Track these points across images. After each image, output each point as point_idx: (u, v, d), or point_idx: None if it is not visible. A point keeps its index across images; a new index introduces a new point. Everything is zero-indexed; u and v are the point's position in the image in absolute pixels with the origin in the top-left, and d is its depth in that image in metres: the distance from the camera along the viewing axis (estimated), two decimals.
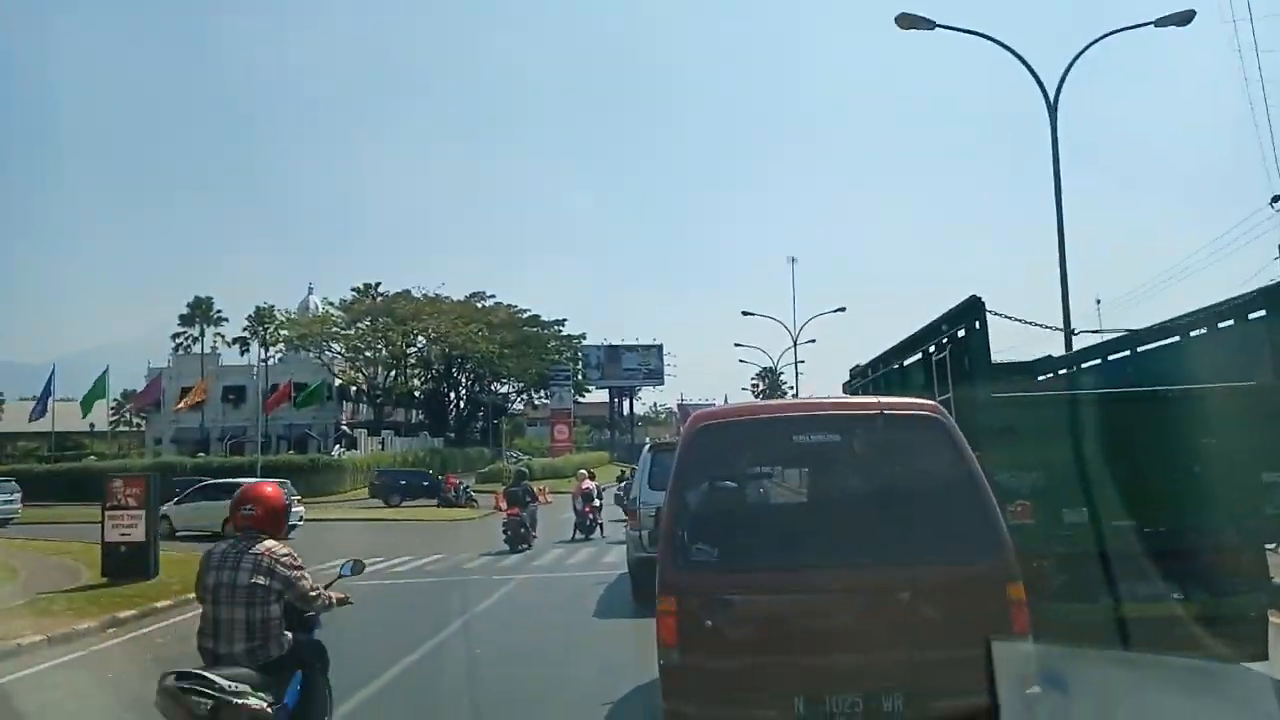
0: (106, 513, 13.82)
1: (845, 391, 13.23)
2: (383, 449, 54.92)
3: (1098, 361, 9.57)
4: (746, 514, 4.99)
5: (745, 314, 46.71)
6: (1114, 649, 5.41)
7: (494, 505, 34.74)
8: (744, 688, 4.36)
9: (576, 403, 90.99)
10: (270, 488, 5.09)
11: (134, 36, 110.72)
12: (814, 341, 60.37)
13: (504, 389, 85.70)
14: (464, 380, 77.77)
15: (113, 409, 78.79)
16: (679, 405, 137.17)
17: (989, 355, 7.18)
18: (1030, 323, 12.87)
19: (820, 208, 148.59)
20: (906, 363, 9.74)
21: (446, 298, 68.10)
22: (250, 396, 64.72)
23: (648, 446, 15.75)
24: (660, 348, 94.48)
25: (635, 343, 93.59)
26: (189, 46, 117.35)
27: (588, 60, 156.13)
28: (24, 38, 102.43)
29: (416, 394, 72.26)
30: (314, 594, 4.74)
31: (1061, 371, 10.43)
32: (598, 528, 23.47)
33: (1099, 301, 41.79)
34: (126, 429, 76.62)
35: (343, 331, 61.33)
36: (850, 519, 4.67)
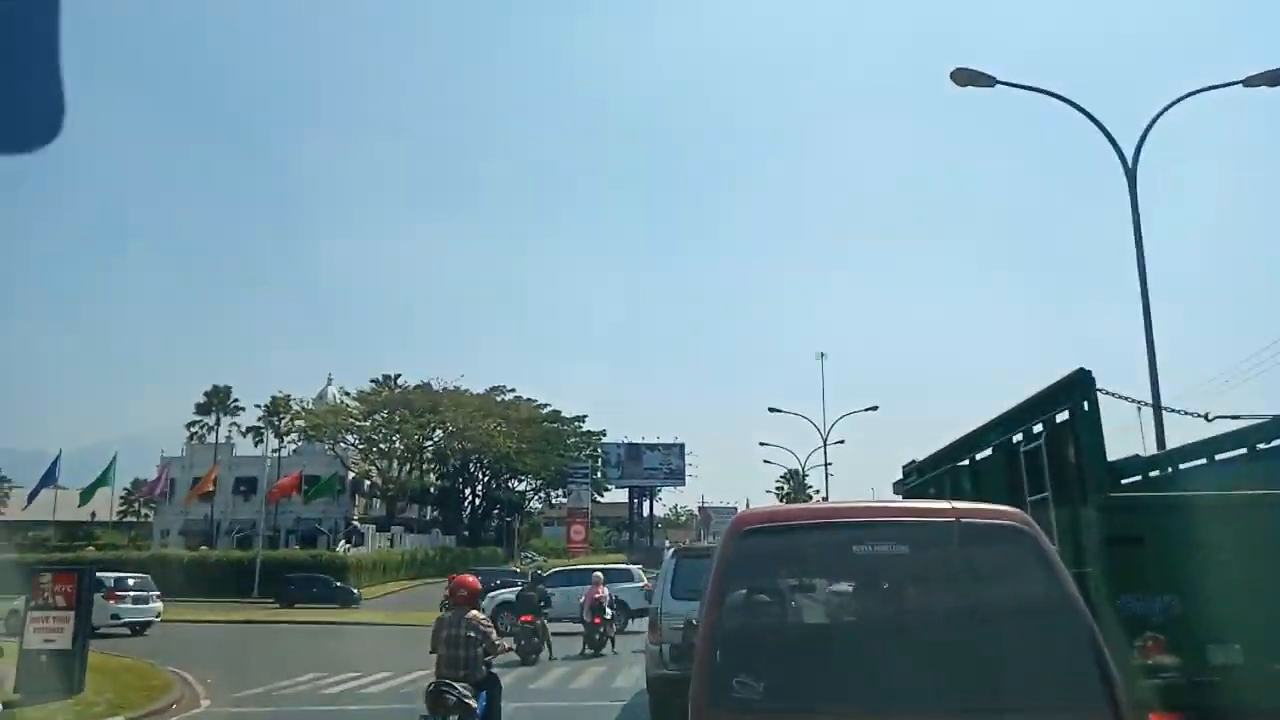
0: (29, 614, 11.83)
1: (896, 492, 11.54)
2: (391, 546, 52.42)
3: (1243, 453, 7.38)
4: (797, 639, 4.19)
5: (772, 410, 44.38)
6: None
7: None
8: None
9: (595, 502, 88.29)
10: (472, 578, 8.75)
11: (163, 124, 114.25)
12: (843, 442, 57.82)
13: (521, 486, 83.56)
14: (480, 476, 75.72)
15: (121, 499, 77.53)
16: (700, 508, 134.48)
17: (1102, 445, 5.83)
18: (1147, 404, 9.00)
19: (851, 303, 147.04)
20: (980, 456, 8.15)
21: (466, 390, 66.85)
22: (262, 488, 63.22)
23: (671, 551, 14.27)
24: (682, 447, 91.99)
25: (657, 441, 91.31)
26: (223, 140, 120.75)
27: (618, 153, 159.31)
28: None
29: (431, 489, 70.03)
30: (497, 644, 8.02)
31: (1186, 466, 8.00)
32: (609, 642, 21.03)
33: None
34: (134, 519, 74.66)
35: (358, 423, 59.55)
36: (922, 650, 3.93)
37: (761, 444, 55.93)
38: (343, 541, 47.35)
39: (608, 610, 20.79)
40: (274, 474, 64.39)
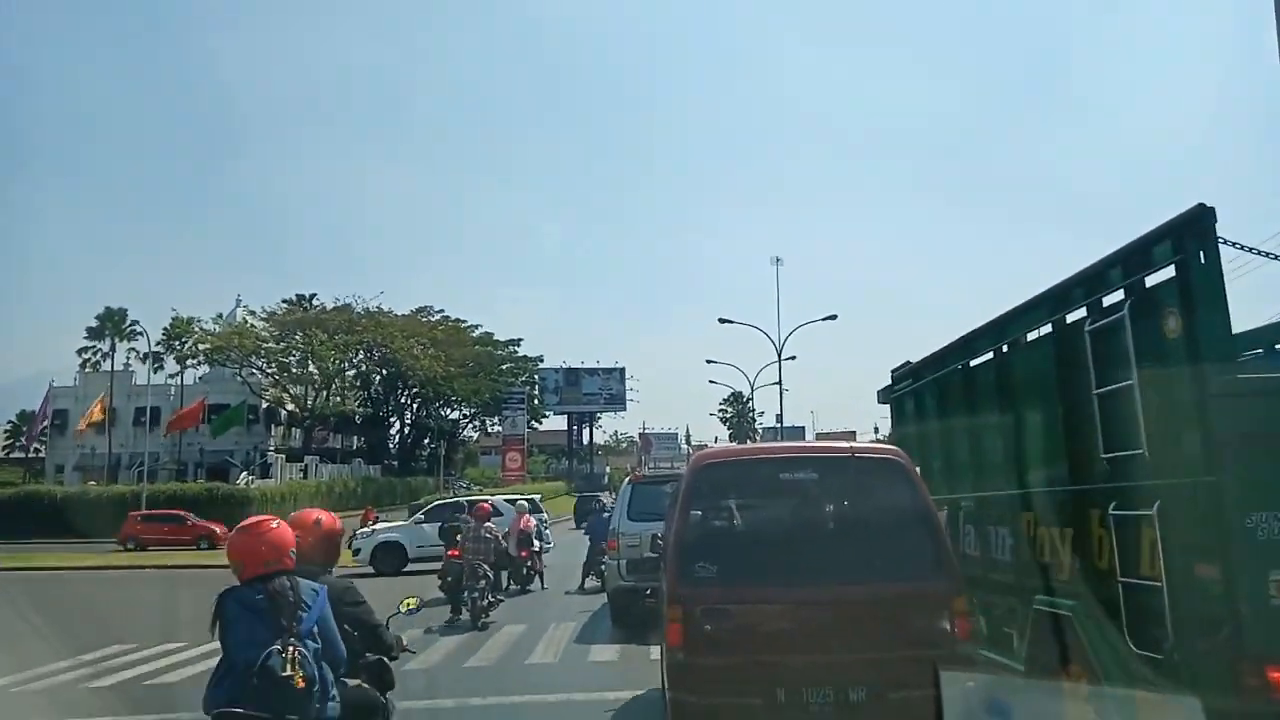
0: None
1: (882, 401, 10.42)
2: (305, 477, 47.91)
3: None
4: (740, 539, 5.68)
5: (723, 321, 40.70)
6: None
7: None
8: (736, 681, 5.18)
9: (532, 429, 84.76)
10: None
11: (63, 32, 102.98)
12: (795, 358, 54.59)
13: (455, 414, 79.42)
14: (409, 403, 71.22)
15: (6, 434, 71.06)
16: (640, 434, 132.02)
17: (1227, 309, 4.28)
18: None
19: (804, 213, 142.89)
20: (1009, 347, 6.53)
21: (389, 312, 61.81)
22: (166, 419, 57.91)
23: (627, 480, 15.94)
24: (622, 371, 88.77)
25: (596, 366, 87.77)
26: (128, 48, 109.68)
27: (561, 76, 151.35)
28: None
29: (354, 417, 65.34)
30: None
31: None
32: (537, 577, 18.28)
33: None
34: (24, 455, 68.31)
35: (267, 345, 54.05)
36: (825, 544, 5.56)
37: (709, 362, 52.23)
38: (244, 474, 42.73)
39: (535, 541, 18.31)
40: (178, 403, 59.39)
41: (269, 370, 55.37)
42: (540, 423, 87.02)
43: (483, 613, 13.02)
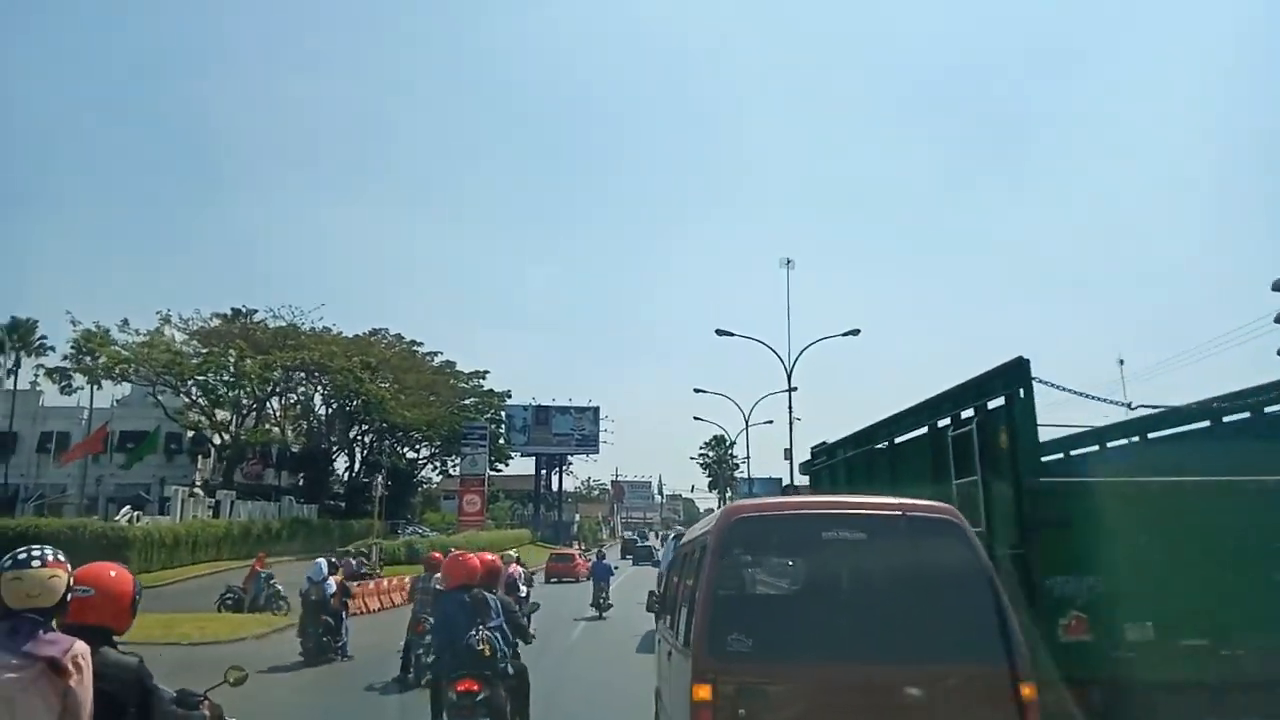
0: None
1: (803, 473, 12.94)
2: (214, 515, 40.42)
3: (1123, 442, 8.76)
4: (778, 607, 5.09)
5: (720, 333, 34.67)
6: None
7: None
8: None
9: (496, 471, 77.48)
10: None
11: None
12: (771, 422, 52.35)
13: (415, 455, 72.02)
14: (361, 439, 63.81)
15: None
16: (613, 481, 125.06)
17: (1036, 431, 6.39)
18: (1083, 395, 8.31)
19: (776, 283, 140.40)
20: (901, 440, 8.68)
21: (338, 333, 54.93)
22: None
23: (672, 534, 17.69)
24: (596, 410, 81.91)
25: (569, 404, 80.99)
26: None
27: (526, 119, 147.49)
28: None
29: (290, 449, 57.91)
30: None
31: (1096, 448, 9.08)
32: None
33: (1121, 362, 38.13)
34: None
35: (183, 362, 46.50)
36: (875, 616, 4.82)
37: (697, 391, 46.51)
38: (126, 509, 35.38)
39: (521, 588, 16.68)
40: (90, 429, 52.23)
41: (183, 390, 47.77)
42: (506, 464, 79.71)
43: (425, 670, 11.11)
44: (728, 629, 4.72)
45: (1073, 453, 9.33)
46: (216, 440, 51.62)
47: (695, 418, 68.00)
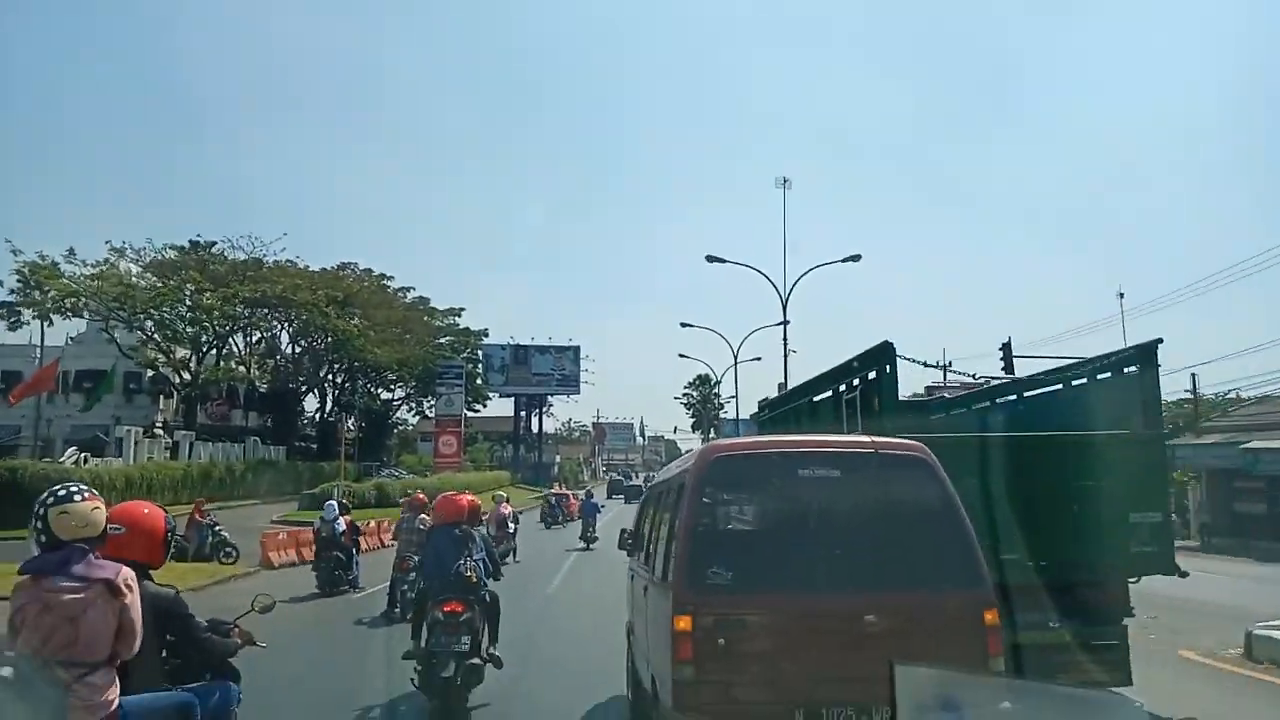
0: None
1: (754, 421, 15.49)
2: (172, 457, 38.28)
3: (987, 404, 10.49)
4: (755, 541, 5.19)
5: (711, 260, 32.57)
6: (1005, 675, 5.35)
7: (261, 560, 20.04)
8: (750, 700, 4.79)
9: (474, 414, 75.57)
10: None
11: None
12: (759, 359, 51.63)
13: (390, 395, 69.88)
14: (333, 378, 61.50)
15: None
16: (594, 423, 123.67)
17: (897, 397, 8.04)
18: (936, 365, 13.82)
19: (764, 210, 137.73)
20: (817, 399, 10.42)
21: (304, 266, 52.19)
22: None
23: (645, 477, 23.96)
24: (577, 350, 79.82)
25: (548, 343, 78.83)
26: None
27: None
28: None
29: (258, 388, 55.59)
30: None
31: (955, 412, 11.02)
32: (511, 553, 19.89)
33: (1121, 295, 40.21)
34: None
35: (136, 293, 43.51)
36: (848, 548, 4.99)
37: (683, 325, 44.68)
38: (71, 450, 33.18)
39: (510, 525, 20.62)
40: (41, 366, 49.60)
41: (137, 325, 45.04)
42: (484, 405, 77.76)
43: (410, 606, 11.44)
44: (707, 563, 4.87)
45: (951, 412, 11.07)
46: (178, 380, 49.11)
47: (680, 355, 65.44)
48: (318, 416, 62.21)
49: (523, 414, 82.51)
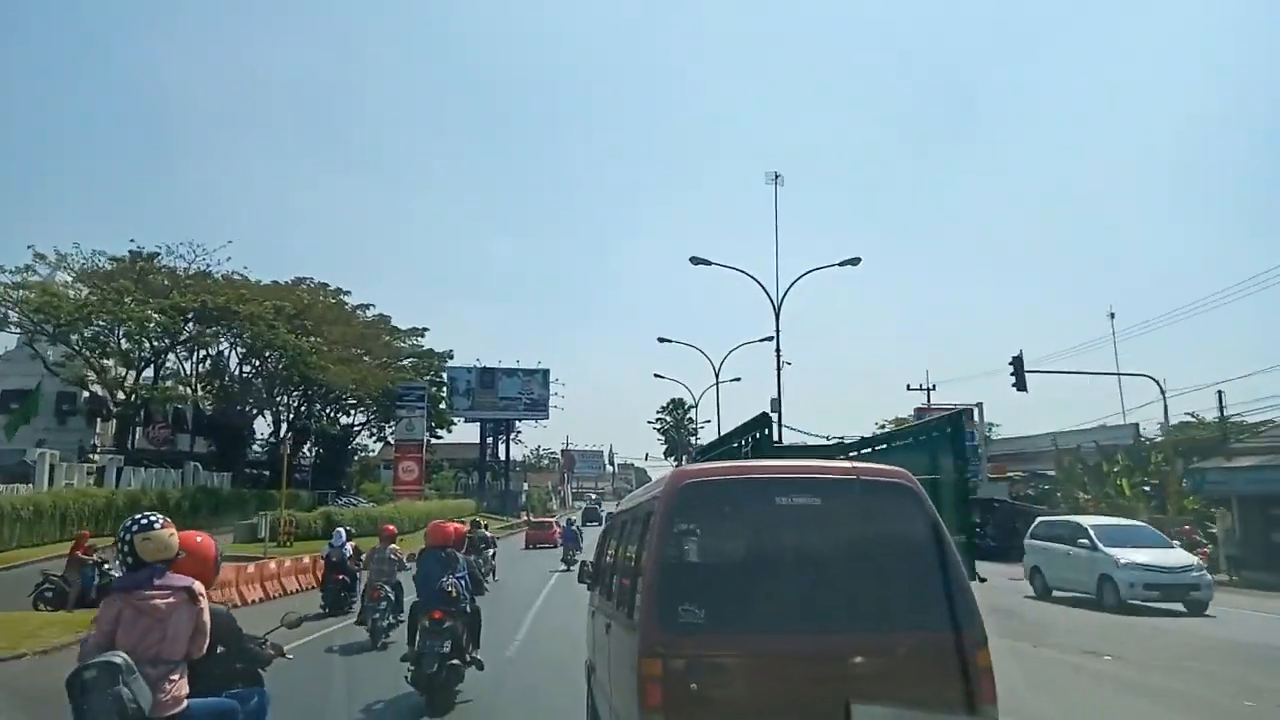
0: None
1: (695, 460, 18.25)
2: (97, 483, 34.57)
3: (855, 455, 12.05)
4: (730, 574, 4.71)
5: (695, 261, 29.94)
6: None
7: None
8: None
9: (438, 438, 72.12)
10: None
11: None
12: (739, 380, 49.89)
13: (349, 420, 66.16)
14: (287, 400, 57.80)
15: None
16: (563, 450, 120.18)
17: (772, 451, 13.17)
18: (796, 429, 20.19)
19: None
20: (734, 446, 15.08)
21: (255, 281, 48.80)
22: None
23: (606, 512, 24.52)
24: (546, 373, 76.77)
25: (516, 366, 75.72)
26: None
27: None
28: None
29: (204, 410, 51.82)
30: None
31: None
32: (490, 573, 22.46)
33: (1113, 315, 42.17)
34: None
35: (58, 305, 39.60)
36: (831, 582, 4.60)
37: (661, 340, 41.69)
38: None
39: (490, 550, 24.28)
40: None
41: (60, 337, 41.18)
42: (449, 430, 74.36)
43: (383, 633, 13.06)
44: (677, 600, 4.44)
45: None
46: (113, 400, 45.29)
47: (656, 375, 62.82)
48: (270, 441, 58.49)
49: (489, 440, 79.20)
